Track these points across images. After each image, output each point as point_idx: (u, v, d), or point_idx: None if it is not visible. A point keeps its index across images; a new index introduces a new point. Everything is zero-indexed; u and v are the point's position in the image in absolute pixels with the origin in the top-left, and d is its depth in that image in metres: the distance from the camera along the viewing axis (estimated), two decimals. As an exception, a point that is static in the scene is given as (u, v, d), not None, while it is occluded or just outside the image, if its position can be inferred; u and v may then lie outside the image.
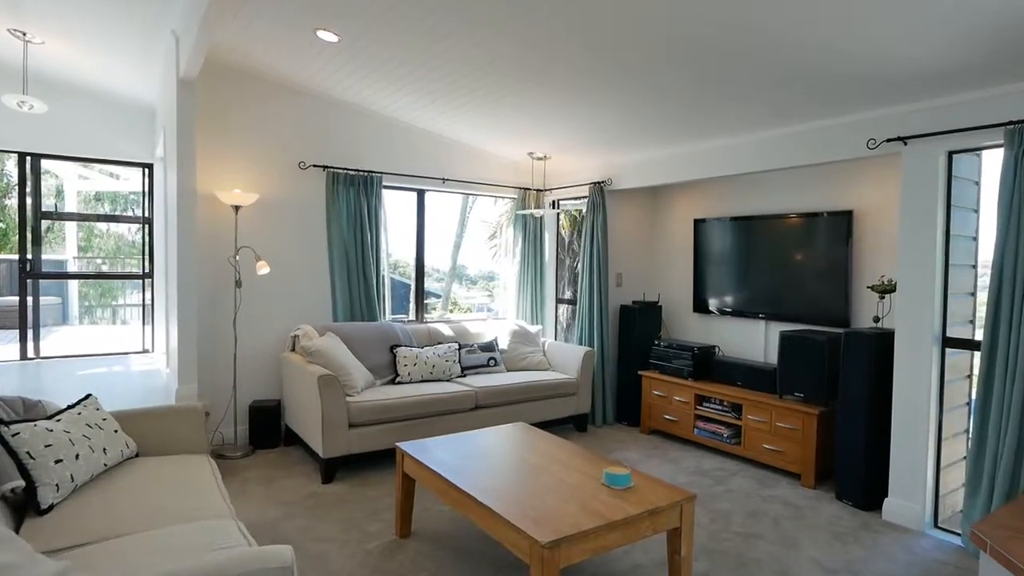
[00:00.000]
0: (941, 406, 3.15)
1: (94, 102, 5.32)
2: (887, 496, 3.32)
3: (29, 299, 5.75)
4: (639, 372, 4.93)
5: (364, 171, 4.68)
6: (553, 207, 5.75)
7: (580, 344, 5.11)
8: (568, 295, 5.73)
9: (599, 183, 5.06)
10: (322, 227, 4.63)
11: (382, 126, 4.85)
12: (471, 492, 2.39)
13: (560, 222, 5.80)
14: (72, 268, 9.36)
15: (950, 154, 3.08)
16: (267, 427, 4.31)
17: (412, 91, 4.15)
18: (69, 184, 8.58)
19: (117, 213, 9.28)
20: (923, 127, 3.11)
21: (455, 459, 2.79)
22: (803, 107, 3.42)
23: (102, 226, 9.89)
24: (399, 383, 4.33)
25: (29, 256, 5.74)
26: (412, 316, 5.38)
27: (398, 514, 2.98)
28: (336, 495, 3.52)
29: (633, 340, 5.04)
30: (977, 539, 2.24)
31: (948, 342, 3.12)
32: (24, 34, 4.20)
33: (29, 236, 5.78)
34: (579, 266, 5.25)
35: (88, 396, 2.57)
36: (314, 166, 4.55)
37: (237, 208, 4.13)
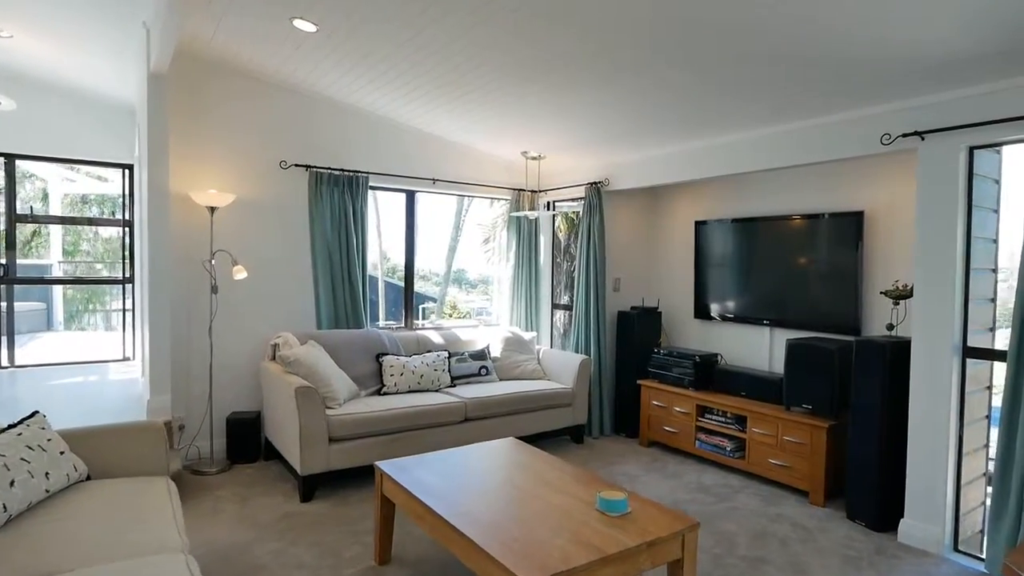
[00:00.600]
0: (962, 420, 2.93)
1: (71, 100, 5.12)
2: (903, 517, 3.09)
3: (3, 305, 5.53)
4: (638, 381, 4.71)
5: (349, 171, 4.47)
6: (548, 209, 5.54)
7: (576, 352, 4.89)
8: (565, 300, 5.52)
9: (596, 183, 4.85)
10: (305, 230, 4.41)
11: (368, 124, 4.64)
12: (450, 520, 2.17)
13: (556, 224, 5.59)
14: (57, 273, 9.15)
15: (971, 149, 2.86)
16: (245, 440, 4.08)
17: (397, 86, 3.94)
18: (54, 187, 8.36)
19: (105, 216, 9.07)
20: (942, 121, 2.90)
21: (436, 480, 2.57)
22: (811, 101, 3.21)
23: (90, 230, 9.68)
24: (385, 394, 4.11)
25: (3, 261, 5.52)
26: (402, 322, 5.16)
27: (377, 538, 2.76)
28: (314, 515, 3.30)
29: (632, 348, 4.82)
30: (1010, 572, 2.02)
31: (969, 352, 2.90)
32: (-9, 27, 3.99)
33: (3, 240, 5.56)
34: (575, 270, 5.03)
35: (34, 414, 2.35)
36: (296, 165, 4.34)
37: (212, 209, 3.91)
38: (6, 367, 5.48)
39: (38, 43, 4.19)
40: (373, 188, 4.74)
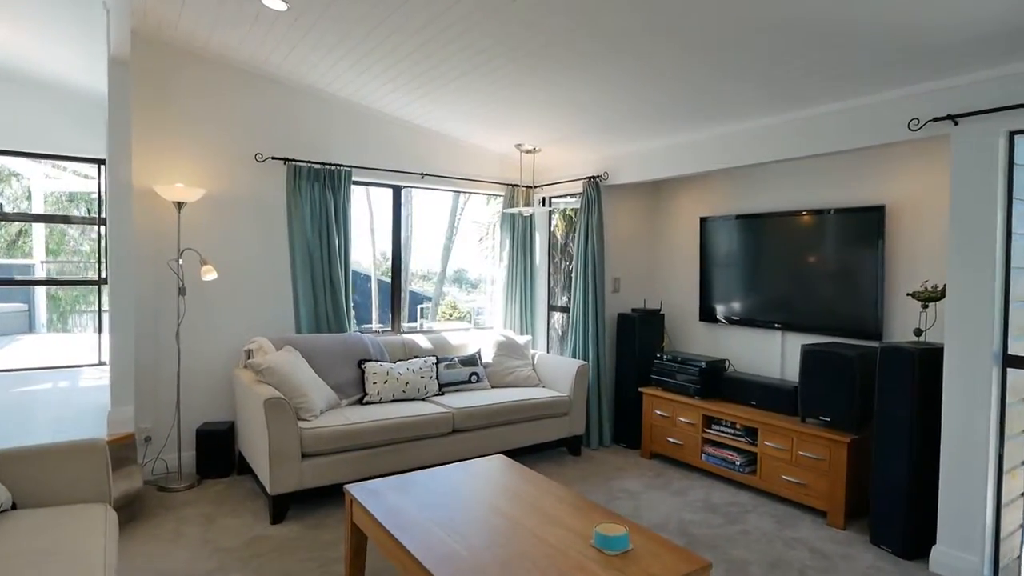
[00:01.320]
0: (1002, 435, 2.63)
1: (46, 93, 4.84)
2: (935, 543, 2.79)
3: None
4: (639, 389, 4.40)
5: (331, 164, 4.17)
6: (544, 205, 5.23)
7: (574, 357, 4.59)
8: (563, 302, 5.21)
9: (594, 178, 4.55)
10: (283, 227, 4.12)
11: (351, 114, 4.35)
12: (425, 562, 1.87)
13: (554, 222, 5.28)
14: (40, 273, 8.87)
15: (1011, 135, 2.56)
16: (217, 453, 3.79)
17: (378, 72, 3.64)
18: (36, 185, 8.07)
19: (92, 215, 8.78)
20: (978, 103, 2.60)
21: (412, 508, 2.27)
22: (828, 85, 2.90)
23: (77, 228, 9.39)
24: (367, 403, 3.81)
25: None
26: (389, 325, 4.86)
27: (347, 570, 2.46)
28: (284, 539, 3.00)
29: (632, 352, 4.52)
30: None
31: (1009, 360, 2.60)
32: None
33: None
34: (573, 271, 4.73)
35: (-51, 434, 2.06)
36: (273, 158, 4.04)
37: (180, 205, 3.62)
38: (-30, 372, 5.20)
39: (3, 31, 3.91)
40: (357, 183, 4.44)
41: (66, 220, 7.42)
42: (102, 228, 5.36)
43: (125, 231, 3.49)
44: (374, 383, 3.86)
